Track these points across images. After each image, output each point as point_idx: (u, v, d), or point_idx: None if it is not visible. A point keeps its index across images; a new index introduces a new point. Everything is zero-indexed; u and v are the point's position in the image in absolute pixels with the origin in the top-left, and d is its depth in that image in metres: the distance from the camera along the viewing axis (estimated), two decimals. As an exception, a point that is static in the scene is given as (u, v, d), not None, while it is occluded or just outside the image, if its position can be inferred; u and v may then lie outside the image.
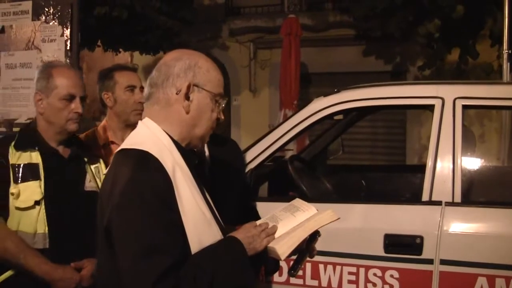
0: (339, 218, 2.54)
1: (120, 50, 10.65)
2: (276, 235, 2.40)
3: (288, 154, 5.88)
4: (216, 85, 2.37)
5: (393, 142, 11.08)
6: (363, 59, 11.10)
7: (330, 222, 2.52)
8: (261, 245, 2.33)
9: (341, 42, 11.28)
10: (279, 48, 10.30)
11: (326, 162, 5.59)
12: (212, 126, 2.40)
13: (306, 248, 2.55)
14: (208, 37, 12.03)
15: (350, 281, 3.81)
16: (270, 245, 2.36)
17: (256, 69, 12.14)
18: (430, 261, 3.67)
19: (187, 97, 2.30)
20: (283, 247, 2.38)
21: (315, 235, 2.55)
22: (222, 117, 2.42)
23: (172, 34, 10.34)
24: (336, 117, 4.82)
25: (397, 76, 10.80)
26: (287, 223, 2.46)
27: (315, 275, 3.86)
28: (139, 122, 2.40)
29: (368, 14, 9.30)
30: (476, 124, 9.97)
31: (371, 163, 10.22)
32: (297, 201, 2.63)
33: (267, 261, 2.48)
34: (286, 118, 4.21)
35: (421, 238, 3.68)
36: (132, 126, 3.69)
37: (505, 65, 6.26)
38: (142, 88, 3.73)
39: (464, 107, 3.89)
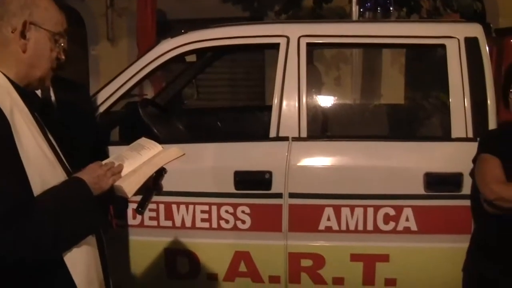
0: (184, 154, 2.56)
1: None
2: (123, 173, 2.39)
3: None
4: (55, 23, 2.29)
5: (252, 87, 11.18)
6: (222, 5, 11.04)
7: (176, 158, 2.54)
8: (107, 184, 2.31)
9: (200, -12, 11.18)
10: (137, -5, 10.09)
11: (181, 105, 5.58)
12: (51, 66, 2.32)
13: (153, 185, 2.56)
14: (63, -15, 11.62)
15: (203, 219, 3.87)
16: (117, 183, 2.36)
17: (113, 17, 11.83)
18: (279, 195, 3.78)
19: (23, 36, 2.22)
20: (130, 185, 2.38)
21: (161, 172, 2.56)
22: (63, 57, 2.36)
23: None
24: (189, 60, 4.82)
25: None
26: (133, 161, 2.46)
27: (169, 215, 3.89)
28: None
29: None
30: (332, 68, 10.22)
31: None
32: (143, 140, 2.63)
33: (114, 200, 2.47)
34: (133, 61, 4.15)
35: (270, 173, 3.78)
36: None
37: (354, 8, 6.42)
38: None
39: (309, 45, 3.98)
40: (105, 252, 2.45)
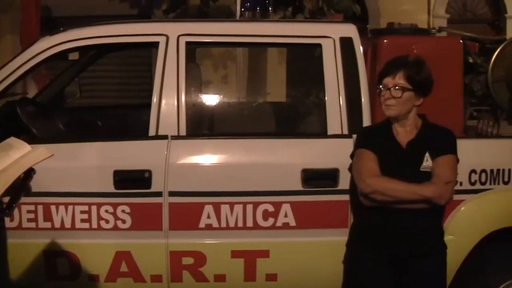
0: (52, 155, 2.54)
1: None
2: None
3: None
4: None
5: (139, 85, 11.07)
6: (109, 3, 10.89)
7: (44, 159, 2.51)
8: (-28, 186, 2.26)
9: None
10: (21, -10, 9.82)
11: (64, 104, 5.48)
12: None
13: (21, 186, 2.52)
14: None
15: (83, 220, 3.81)
16: None
17: (-3, 13, 11.52)
18: (159, 194, 3.78)
19: None
20: None
21: (30, 173, 2.53)
22: None
23: None
24: (71, 58, 4.75)
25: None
26: (1, 161, 2.42)
27: (48, 217, 3.81)
28: None
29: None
30: (220, 66, 10.27)
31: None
32: (12, 140, 2.59)
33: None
34: (10, 59, 4.04)
35: (150, 172, 3.77)
36: None
37: (238, 7, 6.48)
38: None
39: (188, 43, 3.99)
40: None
